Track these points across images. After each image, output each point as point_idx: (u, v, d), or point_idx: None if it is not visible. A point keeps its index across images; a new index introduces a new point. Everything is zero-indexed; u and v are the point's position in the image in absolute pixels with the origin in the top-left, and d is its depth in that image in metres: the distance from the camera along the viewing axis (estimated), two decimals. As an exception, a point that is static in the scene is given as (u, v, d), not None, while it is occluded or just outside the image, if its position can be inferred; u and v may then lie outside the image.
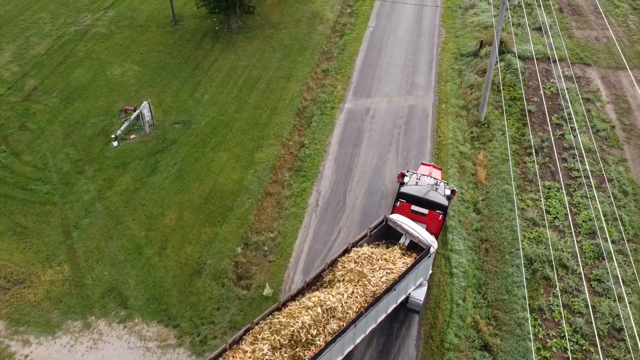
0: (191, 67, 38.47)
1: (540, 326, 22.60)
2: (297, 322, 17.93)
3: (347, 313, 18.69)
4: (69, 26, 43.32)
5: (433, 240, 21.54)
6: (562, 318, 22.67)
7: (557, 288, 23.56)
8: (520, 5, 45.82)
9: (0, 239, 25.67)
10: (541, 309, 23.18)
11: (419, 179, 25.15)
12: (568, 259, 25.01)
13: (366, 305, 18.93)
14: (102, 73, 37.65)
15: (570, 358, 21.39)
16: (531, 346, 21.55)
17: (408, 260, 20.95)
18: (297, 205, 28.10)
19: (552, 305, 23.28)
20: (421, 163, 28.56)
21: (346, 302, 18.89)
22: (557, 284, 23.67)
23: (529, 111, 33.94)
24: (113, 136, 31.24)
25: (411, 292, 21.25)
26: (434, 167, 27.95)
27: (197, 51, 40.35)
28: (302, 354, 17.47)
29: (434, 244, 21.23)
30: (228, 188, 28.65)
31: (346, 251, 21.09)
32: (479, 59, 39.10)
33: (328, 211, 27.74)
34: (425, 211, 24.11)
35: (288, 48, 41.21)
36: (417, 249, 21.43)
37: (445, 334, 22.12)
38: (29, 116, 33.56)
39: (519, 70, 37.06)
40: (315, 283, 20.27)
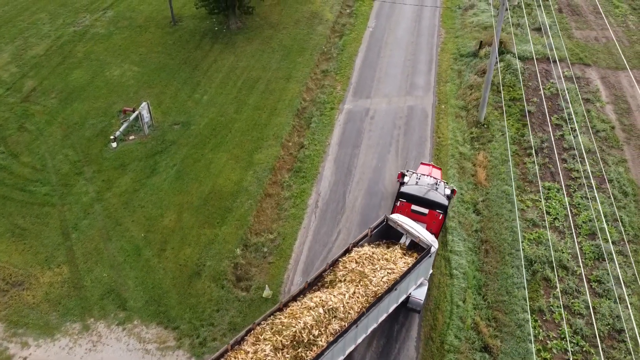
0: (190, 68, 38.40)
1: (540, 327, 22.56)
2: (299, 323, 17.90)
3: (349, 313, 18.66)
4: (68, 27, 43.24)
5: (434, 239, 21.51)
6: (563, 319, 22.63)
7: (558, 289, 23.52)
8: (519, 5, 45.78)
9: (-2, 241, 25.65)
10: (541, 310, 23.14)
11: (419, 179, 25.14)
12: (568, 260, 24.97)
13: (368, 305, 18.89)
14: (101, 74, 37.58)
15: (570, 359, 21.36)
16: (531, 347, 21.51)
17: (409, 260, 20.94)
18: (297, 206, 28.04)
19: (553, 306, 23.24)
20: (421, 163, 28.52)
21: (348, 302, 18.86)
22: (558, 285, 23.63)
23: (529, 112, 33.90)
24: (112, 137, 31.16)
25: (412, 292, 21.23)
26: (434, 167, 27.92)
27: (196, 52, 40.28)
28: (304, 355, 17.44)
29: (435, 244, 21.20)
30: (227, 189, 28.58)
31: (347, 251, 21.06)
32: (479, 60, 39.05)
33: (327, 212, 27.68)
34: (425, 211, 24.10)
35: (287, 49, 41.14)
36: (418, 249, 21.41)
37: (445, 336, 22.06)
38: (28, 117, 33.48)
39: (519, 70, 37.03)
40: (316, 283, 20.23)
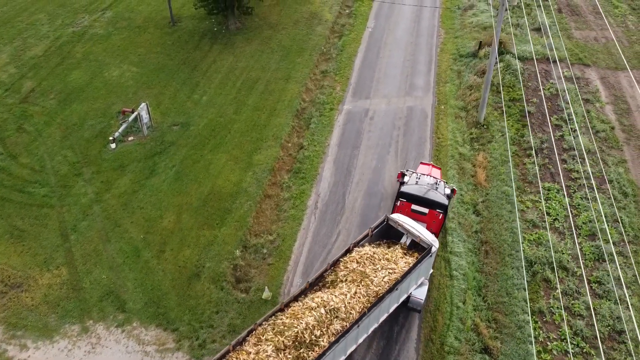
0: (189, 69, 38.32)
1: (540, 329, 22.50)
2: (301, 323, 17.85)
3: (350, 313, 18.63)
4: (67, 27, 43.16)
5: (434, 239, 21.49)
6: (563, 320, 22.57)
7: (558, 290, 23.47)
8: (519, 5, 45.73)
9: (-3, 242, 25.57)
10: (541, 312, 23.09)
11: (419, 178, 25.11)
12: (568, 261, 24.92)
13: (369, 305, 18.86)
14: (100, 75, 37.49)
15: (571, 361, 21.34)
16: (532, 349, 21.45)
17: (410, 259, 20.92)
18: (296, 207, 27.97)
19: (553, 307, 23.19)
20: (420, 162, 28.50)
21: (349, 303, 18.83)
22: (558, 286, 23.57)
23: (529, 112, 33.84)
24: (111, 138, 31.08)
25: (412, 292, 21.19)
26: (434, 167, 27.88)
27: (196, 52, 40.21)
28: (306, 355, 17.39)
29: (435, 243, 21.18)
30: (226, 190, 28.51)
31: (348, 251, 21.02)
32: (478, 60, 38.99)
33: (327, 213, 27.62)
34: (425, 210, 24.07)
35: (286, 49, 41.07)
36: (419, 249, 21.39)
37: (445, 337, 22.01)
38: (26, 118, 33.39)
39: (519, 71, 36.98)
40: (317, 283, 20.18)
